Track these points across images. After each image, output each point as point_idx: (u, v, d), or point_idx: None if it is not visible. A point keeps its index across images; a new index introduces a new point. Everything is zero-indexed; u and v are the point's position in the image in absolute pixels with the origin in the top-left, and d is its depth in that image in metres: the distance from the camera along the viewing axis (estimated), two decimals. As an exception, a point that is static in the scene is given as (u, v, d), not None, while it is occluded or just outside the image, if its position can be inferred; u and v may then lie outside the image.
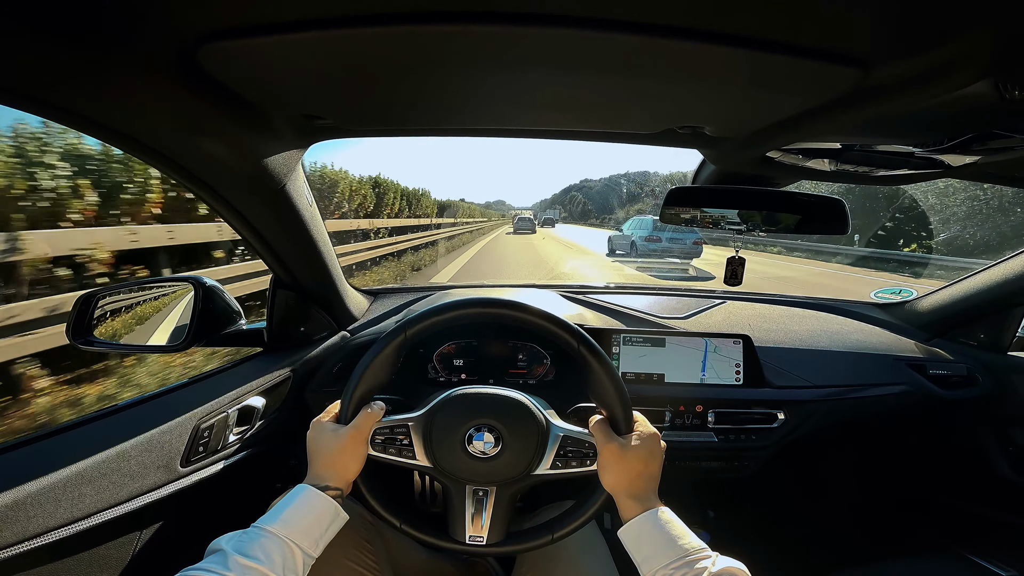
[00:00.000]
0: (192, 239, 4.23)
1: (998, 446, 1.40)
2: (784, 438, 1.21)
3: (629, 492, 0.68)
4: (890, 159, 0.89)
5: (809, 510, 1.71)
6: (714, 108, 0.73)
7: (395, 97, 0.70)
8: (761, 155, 0.91)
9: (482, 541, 0.73)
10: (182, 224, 4.13)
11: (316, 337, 1.22)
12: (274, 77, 0.61)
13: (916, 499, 1.61)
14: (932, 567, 1.17)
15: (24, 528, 0.65)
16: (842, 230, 1.03)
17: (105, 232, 3.39)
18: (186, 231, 4.15)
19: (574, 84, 0.64)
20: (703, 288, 1.71)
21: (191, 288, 1.06)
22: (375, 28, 0.49)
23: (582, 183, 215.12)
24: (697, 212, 1.08)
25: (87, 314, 1.00)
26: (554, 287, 1.62)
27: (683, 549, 0.61)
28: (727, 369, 1.24)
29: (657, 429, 0.74)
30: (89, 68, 0.52)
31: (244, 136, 0.76)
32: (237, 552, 0.57)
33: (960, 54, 0.52)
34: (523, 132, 0.90)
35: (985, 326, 1.41)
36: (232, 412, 0.98)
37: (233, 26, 0.49)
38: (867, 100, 0.63)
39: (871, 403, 1.27)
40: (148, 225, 3.85)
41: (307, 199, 0.99)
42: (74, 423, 0.82)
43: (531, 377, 1.22)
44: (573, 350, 0.74)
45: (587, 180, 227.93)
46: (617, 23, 0.48)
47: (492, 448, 0.71)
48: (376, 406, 0.73)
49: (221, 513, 1.01)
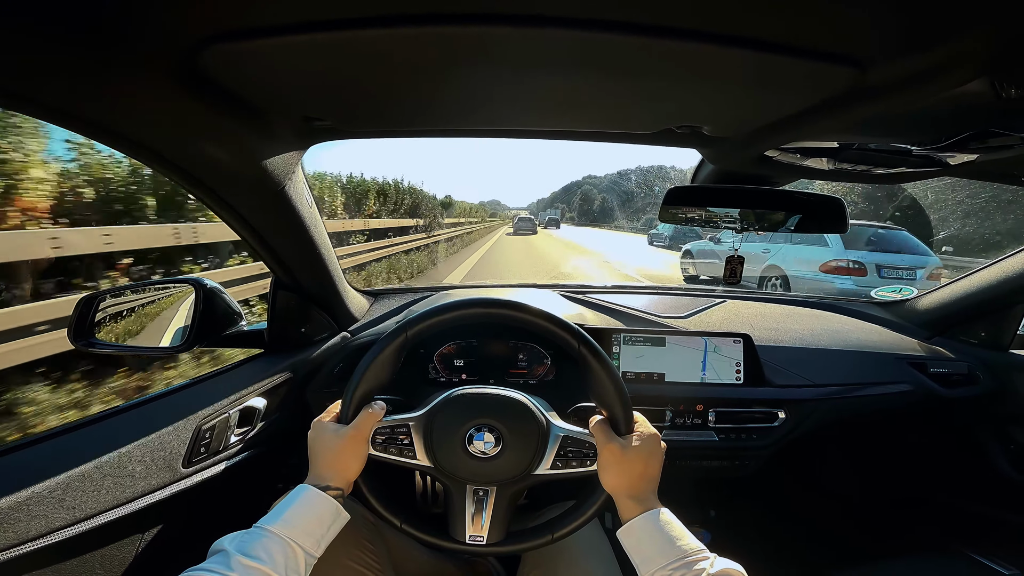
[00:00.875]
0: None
1: (999, 444, 1.40)
2: (785, 437, 1.21)
3: (629, 492, 0.68)
4: (888, 158, 0.89)
5: (810, 508, 1.71)
6: (712, 108, 0.73)
7: (395, 98, 0.70)
8: (759, 154, 0.91)
9: (482, 541, 0.73)
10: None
11: (317, 338, 1.22)
12: (275, 79, 0.61)
13: (917, 497, 1.61)
14: (933, 565, 1.17)
15: (27, 529, 0.65)
16: (841, 229, 1.04)
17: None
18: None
19: (572, 84, 0.64)
20: (703, 287, 1.71)
21: (192, 290, 1.06)
22: (376, 30, 0.49)
23: (585, 179, 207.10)
24: (696, 211, 1.08)
25: (88, 316, 1.00)
26: (554, 287, 1.62)
27: (682, 550, 0.61)
28: (727, 368, 1.24)
29: (657, 428, 0.75)
30: (90, 70, 0.53)
31: (244, 138, 0.76)
32: (239, 552, 0.57)
33: (957, 53, 0.52)
34: (522, 132, 0.91)
35: (986, 324, 1.41)
36: (233, 413, 0.98)
37: (235, 28, 0.49)
38: (864, 99, 0.63)
39: (872, 402, 1.27)
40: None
41: (307, 200, 1.00)
42: (76, 424, 0.82)
43: (531, 377, 1.23)
44: (573, 350, 0.74)
45: (591, 176, 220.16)
46: (616, 24, 0.49)
47: (492, 448, 0.71)
48: (377, 406, 0.73)
49: (223, 514, 1.01)
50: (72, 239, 3.26)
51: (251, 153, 0.80)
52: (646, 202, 34.64)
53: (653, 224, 21.87)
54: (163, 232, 4.00)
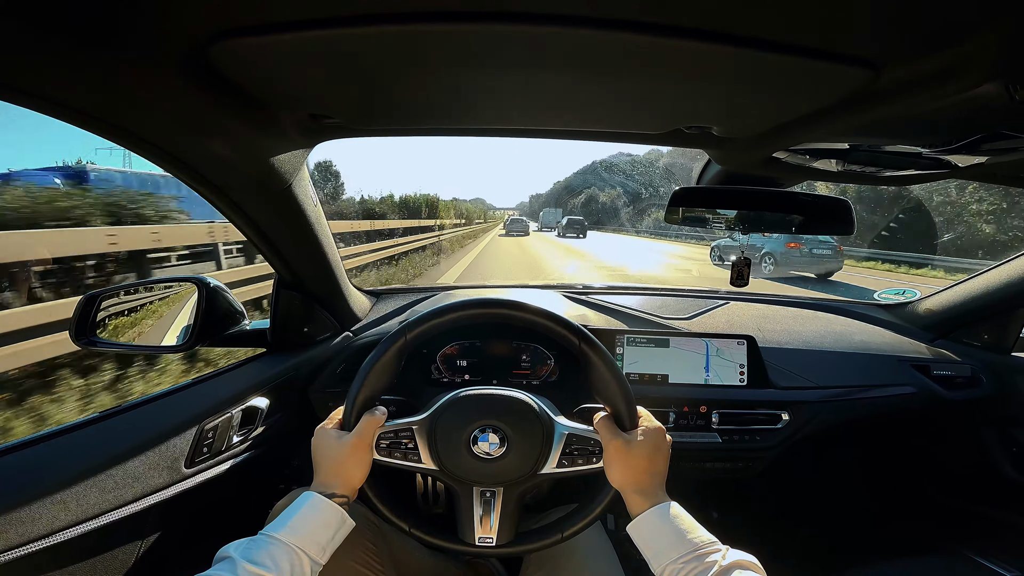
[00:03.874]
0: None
1: (1002, 447, 1.40)
2: (788, 439, 1.21)
3: (636, 488, 0.68)
4: (897, 160, 0.88)
5: (813, 511, 1.71)
6: (723, 109, 0.73)
7: (403, 97, 0.70)
8: (768, 155, 0.90)
9: (492, 542, 0.73)
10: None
11: (320, 338, 1.21)
12: (283, 75, 0.60)
13: (920, 500, 1.61)
14: (936, 568, 1.17)
15: (29, 530, 0.64)
16: (847, 231, 1.03)
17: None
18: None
19: (583, 84, 0.64)
20: (706, 289, 1.71)
21: (194, 288, 1.06)
22: (385, 27, 0.49)
23: (595, 164, 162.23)
24: (702, 212, 1.07)
25: (90, 315, 0.99)
26: (557, 288, 1.61)
27: (693, 543, 0.60)
28: (731, 370, 1.24)
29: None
30: (99, 66, 0.52)
31: (251, 135, 0.76)
32: (245, 559, 0.57)
33: (970, 55, 0.52)
34: (530, 132, 0.90)
35: (989, 327, 1.40)
36: (236, 413, 0.98)
37: (244, 24, 0.49)
38: (876, 101, 0.62)
39: (875, 404, 1.27)
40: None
41: (312, 199, 0.99)
42: (78, 424, 0.81)
43: (535, 378, 1.22)
44: (574, 347, 0.74)
45: (615, 155, 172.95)
46: (627, 23, 0.48)
47: (497, 449, 0.71)
48: (379, 411, 0.73)
49: (226, 514, 1.01)
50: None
51: (257, 150, 0.79)
52: (650, 203, 33.81)
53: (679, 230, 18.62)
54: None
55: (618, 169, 36.09)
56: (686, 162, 39.18)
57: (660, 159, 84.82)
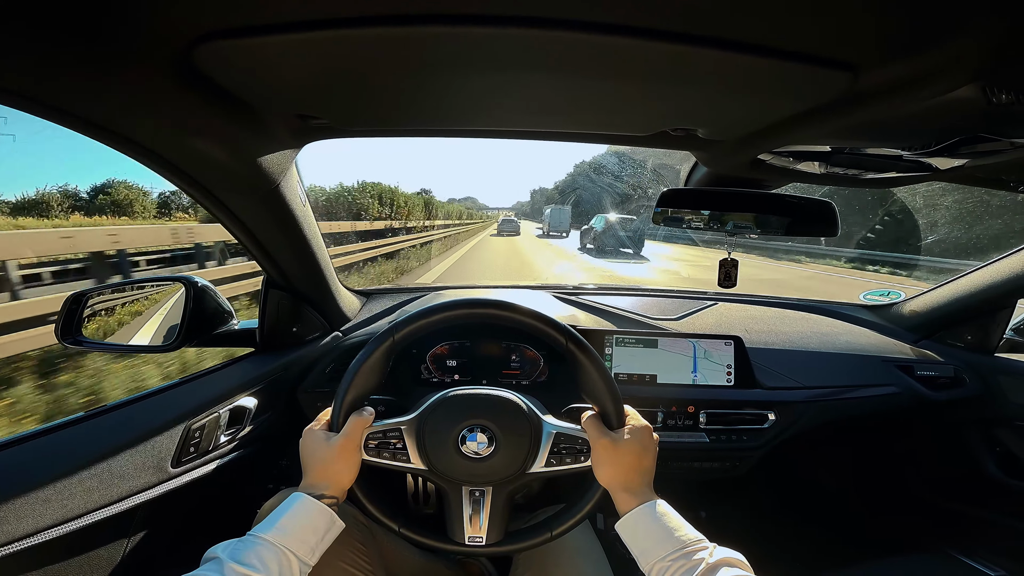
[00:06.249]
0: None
1: (985, 446, 1.42)
2: (775, 438, 1.22)
3: (624, 486, 0.68)
4: (879, 162, 0.90)
5: (799, 510, 1.72)
6: (707, 111, 0.74)
7: (390, 98, 0.70)
8: (752, 157, 0.92)
9: (481, 541, 0.73)
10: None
11: (308, 338, 1.21)
12: (270, 77, 0.60)
13: (904, 499, 1.62)
14: (920, 566, 1.19)
15: (13, 529, 0.64)
16: (831, 232, 1.05)
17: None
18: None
19: (569, 86, 0.65)
20: (695, 290, 1.72)
21: (182, 287, 1.05)
22: (371, 29, 0.49)
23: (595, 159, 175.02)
24: (689, 213, 1.09)
25: (76, 313, 0.99)
26: (547, 288, 1.62)
27: (680, 541, 0.61)
28: (718, 370, 1.25)
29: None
30: (84, 67, 0.52)
31: (238, 136, 0.75)
32: (233, 560, 0.57)
33: (948, 59, 0.53)
34: (517, 133, 0.91)
35: (972, 328, 1.43)
36: (223, 412, 0.97)
37: (230, 26, 0.49)
38: (856, 104, 0.64)
39: (860, 404, 1.29)
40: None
41: (300, 199, 0.99)
42: (64, 423, 0.81)
43: (524, 378, 1.23)
44: (562, 347, 0.75)
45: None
46: (613, 27, 0.49)
47: (485, 448, 0.71)
48: (366, 412, 0.73)
49: (212, 514, 1.00)
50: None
51: (245, 151, 0.79)
52: (639, 204, 33.82)
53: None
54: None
55: (629, 159, 35.72)
56: (674, 163, 38.74)
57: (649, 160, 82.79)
